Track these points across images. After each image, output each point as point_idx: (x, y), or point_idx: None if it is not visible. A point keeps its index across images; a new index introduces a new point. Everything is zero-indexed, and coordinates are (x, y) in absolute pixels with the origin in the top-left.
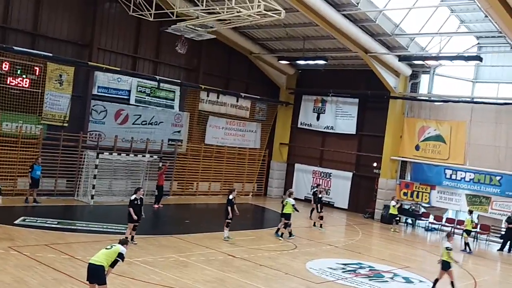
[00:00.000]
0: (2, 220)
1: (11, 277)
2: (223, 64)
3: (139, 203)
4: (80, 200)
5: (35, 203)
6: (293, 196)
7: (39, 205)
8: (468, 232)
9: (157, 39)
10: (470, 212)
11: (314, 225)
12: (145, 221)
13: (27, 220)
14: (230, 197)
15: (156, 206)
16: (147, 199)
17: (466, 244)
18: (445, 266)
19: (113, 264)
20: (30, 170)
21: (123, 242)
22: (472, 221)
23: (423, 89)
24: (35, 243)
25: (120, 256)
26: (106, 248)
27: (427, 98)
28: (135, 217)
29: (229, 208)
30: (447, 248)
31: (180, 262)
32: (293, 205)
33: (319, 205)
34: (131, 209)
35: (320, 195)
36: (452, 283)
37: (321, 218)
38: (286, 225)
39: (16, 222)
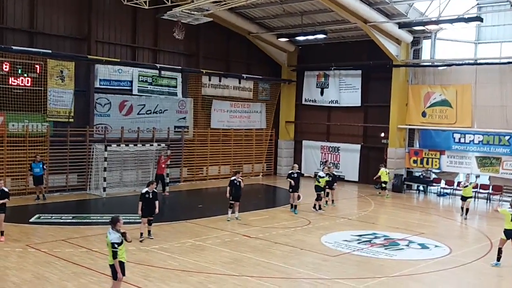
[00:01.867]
0: (18, 219)
1: (31, 274)
2: (222, 47)
3: (150, 196)
4: (92, 193)
5: (43, 199)
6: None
7: (52, 201)
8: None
9: (154, 27)
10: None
11: (326, 203)
12: (159, 208)
13: (42, 218)
14: (232, 178)
15: (166, 193)
16: (159, 186)
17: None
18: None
19: (114, 256)
20: (29, 169)
21: (113, 222)
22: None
23: (425, 55)
24: (52, 239)
25: (113, 246)
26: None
27: (430, 63)
28: (139, 212)
29: (228, 188)
30: None
31: (197, 246)
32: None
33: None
34: (140, 203)
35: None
36: None
37: (327, 195)
38: (319, 198)
39: (31, 220)
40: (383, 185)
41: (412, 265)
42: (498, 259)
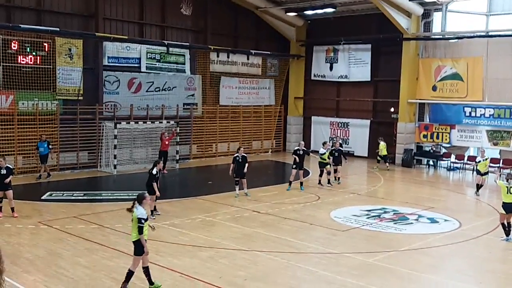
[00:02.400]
0: (30, 196)
1: (44, 250)
2: (230, 23)
3: (159, 175)
4: (103, 171)
5: (47, 177)
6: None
7: (64, 179)
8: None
9: (162, 3)
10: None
11: (334, 179)
12: (169, 185)
13: (53, 195)
14: (235, 155)
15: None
16: (169, 163)
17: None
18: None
19: (140, 231)
20: (36, 148)
21: (140, 199)
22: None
23: (436, 28)
24: (64, 216)
25: (140, 221)
26: (132, 221)
27: (441, 36)
28: (158, 193)
29: (231, 165)
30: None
31: (207, 222)
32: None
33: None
34: (155, 184)
35: (333, 148)
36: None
37: (334, 171)
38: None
39: (43, 197)
40: (379, 158)
41: (421, 239)
42: (508, 233)
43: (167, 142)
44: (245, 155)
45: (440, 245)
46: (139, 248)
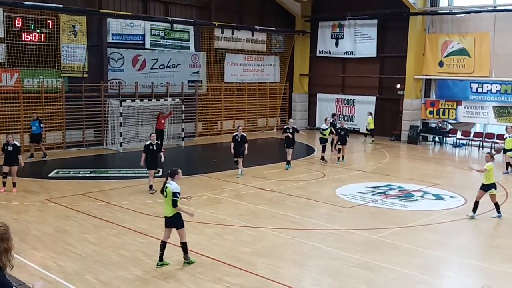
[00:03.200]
0: (37, 174)
1: (52, 227)
2: None
3: (154, 148)
4: (109, 148)
5: (43, 157)
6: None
7: (70, 157)
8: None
9: None
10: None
11: (341, 158)
12: (175, 163)
13: (60, 172)
14: (234, 134)
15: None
16: (174, 141)
17: (508, 164)
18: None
19: (175, 205)
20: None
21: (172, 174)
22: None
23: (443, 2)
24: (71, 193)
25: (175, 195)
26: (165, 197)
27: (448, 11)
28: (142, 163)
29: (232, 144)
30: None
31: (213, 199)
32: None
33: (336, 137)
34: (143, 154)
35: (338, 125)
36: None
37: (339, 151)
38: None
39: (50, 175)
40: (366, 132)
41: (426, 216)
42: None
43: (163, 121)
44: (244, 134)
45: (446, 221)
46: (179, 221)
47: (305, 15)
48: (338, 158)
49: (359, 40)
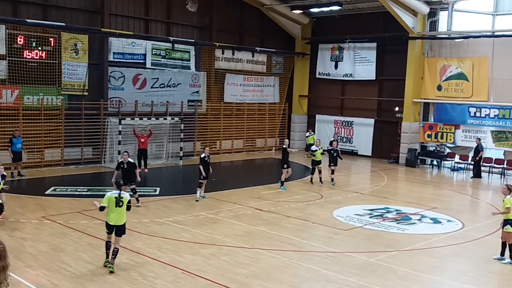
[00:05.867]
0: (34, 191)
1: (47, 245)
2: (235, 20)
3: (125, 167)
4: (107, 166)
5: (19, 176)
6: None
7: (68, 174)
8: None
9: (168, 0)
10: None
11: (332, 180)
12: (173, 182)
13: (57, 190)
14: (202, 155)
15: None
16: (172, 160)
17: None
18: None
19: (130, 208)
20: (9, 144)
21: (121, 186)
22: None
23: (442, 27)
24: (68, 211)
25: (129, 202)
26: (120, 206)
27: (447, 35)
28: (114, 179)
29: (200, 167)
30: None
31: (210, 219)
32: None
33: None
34: (116, 172)
35: (330, 147)
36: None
37: (332, 172)
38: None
39: (47, 192)
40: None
41: (424, 240)
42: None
43: (142, 140)
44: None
45: (443, 245)
46: (125, 228)
47: (305, 37)
48: (332, 179)
49: (358, 63)
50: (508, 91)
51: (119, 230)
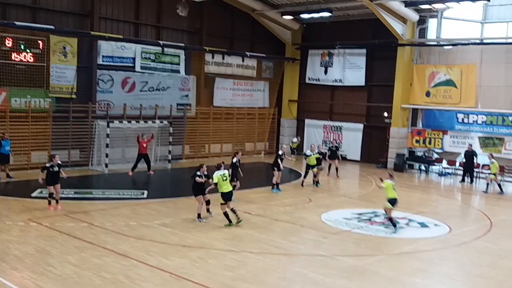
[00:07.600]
0: (20, 193)
1: (33, 247)
2: (226, 24)
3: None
4: (94, 169)
5: (8, 178)
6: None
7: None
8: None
9: (158, 4)
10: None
11: (314, 182)
12: (161, 185)
13: (44, 192)
14: (234, 160)
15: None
16: (161, 163)
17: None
18: None
19: None
20: None
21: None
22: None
23: (431, 34)
24: (54, 213)
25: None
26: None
27: (436, 43)
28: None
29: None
30: None
31: (198, 223)
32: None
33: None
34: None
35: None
36: None
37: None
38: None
39: (33, 194)
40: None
41: (411, 243)
42: (394, 225)
43: (144, 145)
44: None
45: (430, 249)
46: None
47: (295, 43)
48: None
49: (348, 69)
50: (495, 97)
51: None
